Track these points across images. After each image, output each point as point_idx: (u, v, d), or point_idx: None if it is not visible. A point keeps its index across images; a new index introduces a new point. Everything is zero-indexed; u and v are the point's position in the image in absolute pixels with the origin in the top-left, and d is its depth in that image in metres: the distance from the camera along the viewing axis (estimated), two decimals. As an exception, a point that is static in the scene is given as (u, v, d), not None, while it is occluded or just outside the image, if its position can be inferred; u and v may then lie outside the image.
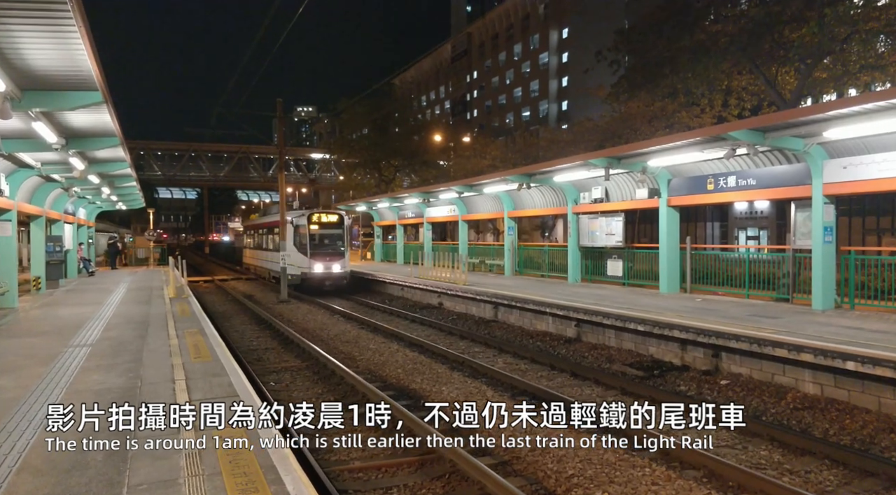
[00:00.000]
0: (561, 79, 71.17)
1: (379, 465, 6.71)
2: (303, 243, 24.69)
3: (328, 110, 58.63)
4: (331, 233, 25.32)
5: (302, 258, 24.62)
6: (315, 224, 25.03)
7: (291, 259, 24.04)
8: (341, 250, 25.20)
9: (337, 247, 25.20)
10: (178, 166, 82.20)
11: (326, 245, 24.98)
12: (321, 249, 24.82)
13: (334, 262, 24.70)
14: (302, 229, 24.85)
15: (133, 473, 4.64)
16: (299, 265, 24.52)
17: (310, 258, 24.39)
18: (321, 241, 24.96)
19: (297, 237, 24.88)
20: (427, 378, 10.73)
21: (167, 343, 10.19)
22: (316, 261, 24.41)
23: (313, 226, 24.89)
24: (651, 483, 6.11)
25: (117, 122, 12.70)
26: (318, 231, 25.10)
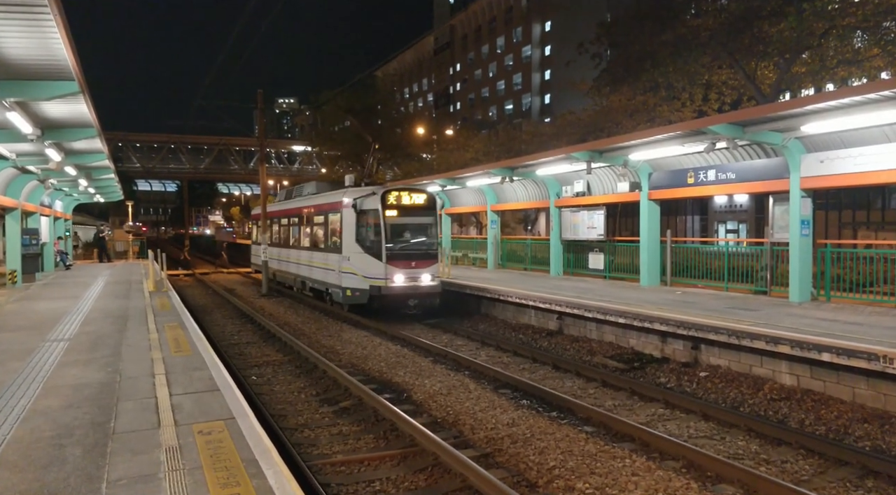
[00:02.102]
0: (544, 72, 71.26)
1: (362, 459, 6.71)
2: (372, 239, 15.81)
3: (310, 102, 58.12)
4: (417, 223, 16.37)
5: (371, 263, 15.62)
6: (393, 208, 15.88)
7: (353, 264, 15.95)
8: (433, 250, 16.42)
9: (426, 244, 16.37)
10: (157, 158, 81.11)
11: (411, 242, 16.13)
12: (404, 248, 15.86)
13: (423, 270, 15.81)
14: (370, 217, 15.96)
15: (112, 468, 4.59)
16: (368, 273, 15.65)
17: (386, 263, 15.45)
18: (403, 236, 16.04)
19: (363, 229, 16.06)
20: (410, 371, 10.74)
21: (147, 337, 10.08)
22: (396, 267, 15.46)
23: (390, 212, 15.79)
24: (631, 474, 6.18)
25: (94, 112, 12.50)
26: (399, 219, 16.00)
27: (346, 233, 16.29)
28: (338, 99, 43.04)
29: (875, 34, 21.47)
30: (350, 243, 16.10)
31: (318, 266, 18.73)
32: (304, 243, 20.54)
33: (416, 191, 16.42)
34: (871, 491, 5.90)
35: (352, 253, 16.02)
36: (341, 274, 16.43)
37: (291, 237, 22.27)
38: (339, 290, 16.56)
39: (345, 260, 16.23)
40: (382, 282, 15.30)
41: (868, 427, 7.55)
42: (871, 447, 7.00)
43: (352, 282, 15.99)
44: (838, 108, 10.54)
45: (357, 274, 15.82)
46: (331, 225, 17.63)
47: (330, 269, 17.40)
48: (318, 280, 18.82)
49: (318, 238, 18.94)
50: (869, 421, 7.71)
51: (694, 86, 27.70)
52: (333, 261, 17.08)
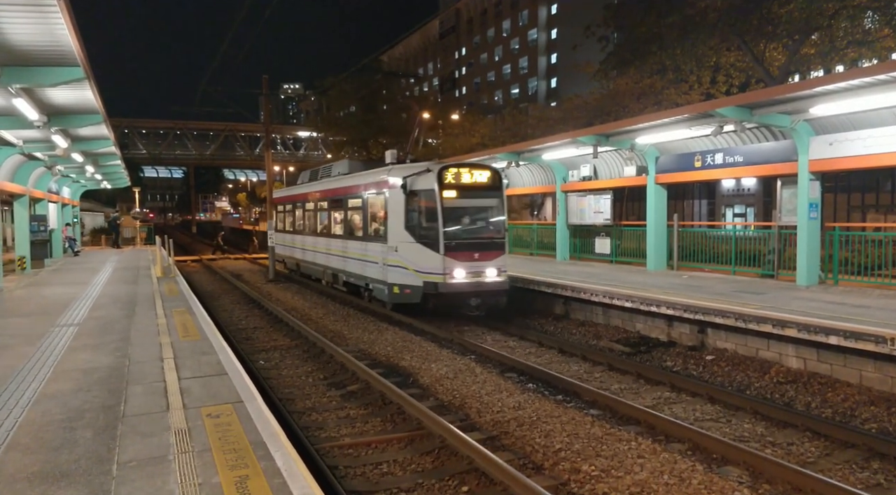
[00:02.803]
0: (550, 55, 70.71)
1: (369, 441, 6.77)
2: (427, 225, 13.10)
3: (315, 87, 57.91)
4: (481, 206, 13.75)
5: (425, 254, 12.98)
6: (452, 188, 13.10)
7: (403, 255, 13.36)
8: (500, 238, 13.59)
9: (492, 231, 13.64)
10: (163, 144, 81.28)
11: (474, 229, 13.51)
12: (466, 237, 13.19)
13: (488, 262, 13.09)
14: (424, 198, 13.18)
15: (122, 450, 4.65)
16: (421, 267, 13.04)
17: (445, 254, 12.76)
18: (464, 221, 13.41)
19: (414, 213, 13.32)
20: (416, 355, 10.79)
21: (155, 322, 10.16)
22: (457, 260, 12.81)
23: (449, 192, 13.02)
24: (637, 456, 6.21)
25: (100, 98, 12.50)
26: (459, 201, 13.26)
27: (393, 218, 13.60)
28: (343, 84, 42.85)
29: (886, 14, 21.16)
30: (398, 231, 13.44)
31: (354, 257, 16.04)
32: (335, 231, 17.87)
33: (479, 166, 13.46)
34: (877, 472, 5.92)
35: (400, 242, 13.41)
36: (386, 267, 13.82)
37: (319, 224, 19.47)
38: (384, 287, 14.02)
39: (391, 251, 13.62)
40: (440, 277, 12.67)
41: (875, 409, 7.55)
42: (877, 429, 7.01)
43: (400, 278, 13.42)
44: (848, 89, 10.42)
45: (407, 268, 13.22)
46: (371, 209, 15.00)
47: (370, 262, 14.80)
48: (354, 273, 16.09)
49: (355, 225, 16.17)
50: (876, 403, 7.71)
51: (701, 68, 27.41)
52: (375, 252, 14.47)
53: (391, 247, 13.66)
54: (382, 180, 14.20)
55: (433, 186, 12.90)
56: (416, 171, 13.26)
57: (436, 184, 12.87)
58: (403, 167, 14.07)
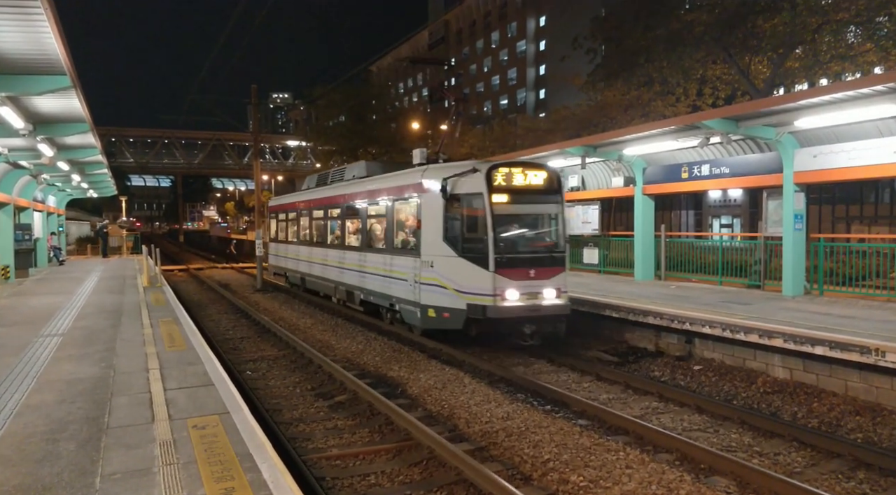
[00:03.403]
0: (538, 67, 71.23)
1: (357, 453, 6.72)
2: (472, 236, 11.03)
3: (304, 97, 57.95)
4: (538, 213, 11.75)
5: (470, 271, 10.86)
6: (504, 191, 10.95)
7: (441, 272, 11.24)
8: (559, 253, 11.42)
9: (551, 244, 11.51)
10: (150, 153, 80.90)
11: (529, 240, 11.56)
12: (520, 250, 11.16)
13: (546, 281, 10.97)
14: (470, 204, 11.09)
15: (106, 462, 4.58)
16: (465, 286, 10.88)
17: (495, 271, 10.62)
18: (518, 232, 11.42)
19: (455, 222, 11.25)
20: (405, 365, 10.75)
21: (141, 332, 10.06)
22: (509, 278, 10.67)
23: (499, 197, 10.90)
24: (625, 466, 6.21)
25: (87, 107, 12.43)
26: (513, 207, 11.16)
27: (429, 227, 11.48)
28: (332, 94, 42.93)
29: (868, 29, 21.54)
30: (434, 242, 11.33)
31: (375, 273, 13.85)
32: (350, 242, 15.73)
33: (534, 166, 11.33)
34: (862, 482, 5.95)
35: (437, 256, 11.26)
36: (419, 286, 11.73)
37: (330, 233, 17.23)
38: (415, 309, 11.88)
39: (425, 266, 11.53)
40: (488, 299, 10.46)
41: (860, 419, 7.61)
42: (862, 439, 7.05)
43: (437, 299, 11.28)
44: (831, 102, 10.57)
45: (446, 287, 11.07)
46: (398, 216, 13.07)
47: (397, 278, 12.69)
48: (375, 291, 13.88)
49: (376, 235, 14.22)
50: (861, 413, 7.77)
51: (688, 81, 27.74)
52: (404, 267, 12.35)
53: (425, 261, 11.56)
54: (415, 183, 12.09)
55: (481, 189, 10.74)
56: (458, 172, 11.04)
57: (484, 186, 10.71)
58: (442, 167, 11.92)
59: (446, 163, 12.52)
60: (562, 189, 11.70)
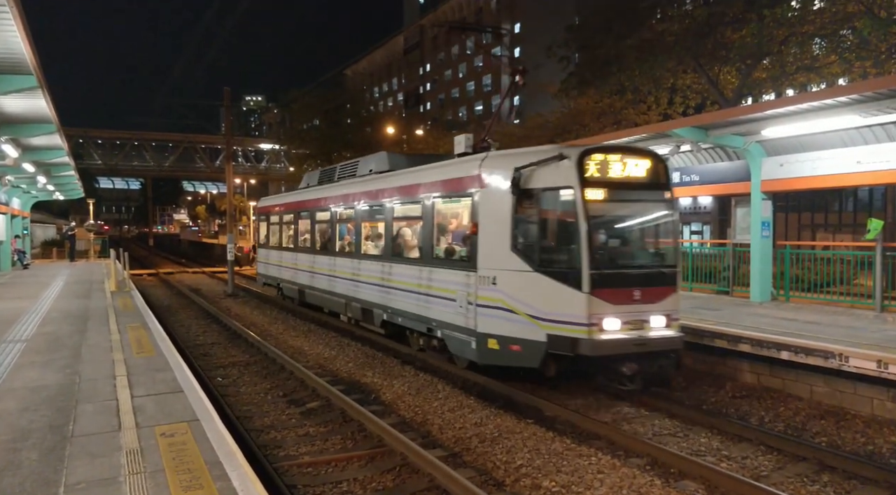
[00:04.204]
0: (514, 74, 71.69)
1: (329, 460, 6.67)
2: (554, 244, 8.71)
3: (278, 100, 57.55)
4: (645, 214, 9.10)
5: (553, 290, 8.24)
6: (601, 184, 8.39)
7: (507, 291, 8.72)
8: (671, 267, 8.88)
9: (660, 255, 9.10)
10: (119, 155, 79.38)
11: (633, 250, 9.23)
12: (622, 263, 8.81)
13: (654, 305, 8.43)
14: (550, 201, 8.63)
15: (70, 472, 4.48)
16: (544, 311, 8.30)
17: (591, 292, 7.94)
18: (617, 238, 8.98)
19: (530, 226, 8.68)
20: (378, 372, 10.70)
21: (108, 338, 9.86)
22: (610, 299, 8.08)
23: (595, 192, 8.29)
24: (597, 471, 6.26)
25: (54, 107, 12.19)
26: (614, 205, 8.81)
27: (490, 232, 8.93)
28: (307, 97, 42.73)
29: (832, 41, 22.13)
30: (498, 252, 8.76)
31: (405, 288, 11.26)
32: (367, 249, 13.09)
33: (638, 152, 8.93)
34: (826, 485, 6.08)
35: (502, 270, 8.70)
36: (474, 308, 9.11)
37: (338, 239, 14.77)
38: (468, 338, 9.28)
39: (483, 283, 8.95)
40: (581, 329, 7.88)
41: (824, 423, 7.78)
42: (827, 443, 7.21)
43: (502, 326, 8.67)
44: (797, 113, 10.83)
45: (515, 310, 8.50)
46: (442, 218, 10.72)
47: (439, 297, 10.11)
48: (405, 312, 11.29)
49: (406, 241, 11.84)
50: (825, 417, 7.95)
51: (659, 89, 28.19)
52: (450, 282, 9.79)
53: (484, 277, 8.95)
54: (469, 176, 9.50)
55: (571, 182, 8.10)
56: (537, 160, 8.38)
57: (576, 178, 8.08)
58: (510, 154, 9.30)
59: (513, 150, 9.69)
60: (670, 183, 9.10)
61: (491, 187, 9.08)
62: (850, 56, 21.64)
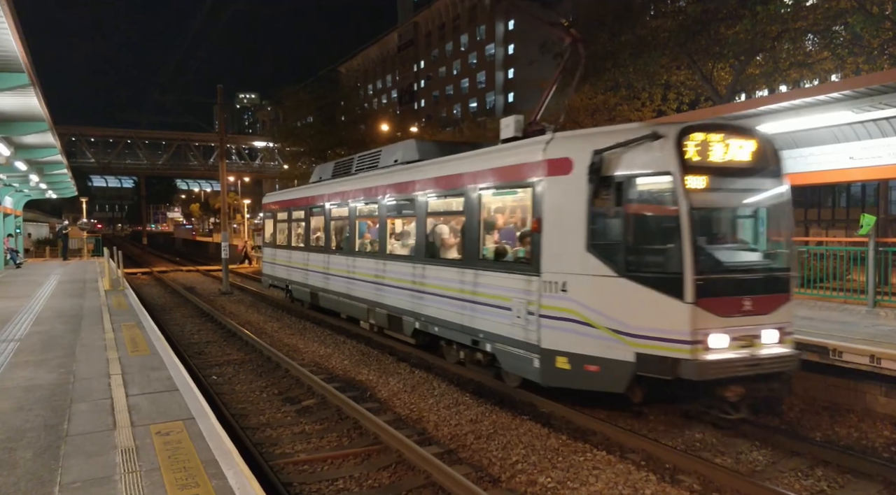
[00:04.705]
0: (507, 71, 71.67)
1: (325, 457, 6.67)
2: (646, 243, 7.20)
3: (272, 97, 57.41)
4: (753, 206, 7.80)
5: (645, 299, 6.79)
6: (706, 170, 6.93)
7: (580, 298, 7.29)
8: (785, 270, 7.41)
9: (772, 256, 7.60)
10: (112, 153, 79.10)
11: (741, 250, 7.63)
12: (728, 265, 7.13)
13: (766, 316, 6.97)
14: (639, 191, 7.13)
15: (65, 471, 4.47)
16: (631, 324, 6.87)
17: (695, 302, 6.49)
18: (721, 235, 7.69)
19: (613, 220, 7.12)
20: (374, 369, 10.70)
21: (102, 337, 9.83)
22: (717, 311, 6.62)
23: (698, 179, 6.86)
24: (592, 467, 6.28)
25: (46, 106, 12.13)
26: (719, 196, 7.42)
27: (558, 229, 7.59)
28: (300, 94, 42.61)
29: (825, 37, 22.18)
30: (569, 252, 7.41)
31: (443, 293, 9.94)
32: (394, 248, 12.00)
33: (742, 131, 7.44)
34: (820, 479, 6.11)
35: (574, 274, 7.36)
36: (537, 319, 7.77)
37: (358, 237, 13.59)
38: (529, 355, 7.95)
39: (549, 289, 7.62)
40: (683, 347, 6.54)
41: (819, 419, 7.82)
42: (821, 437, 7.25)
43: (574, 342, 7.33)
44: (790, 109, 10.86)
45: (593, 323, 7.15)
46: (491, 213, 9.60)
47: (488, 305, 8.79)
48: (444, 320, 9.94)
49: (443, 240, 10.54)
50: (819, 413, 7.99)
51: (653, 86, 28.20)
52: (504, 288, 8.45)
53: (550, 282, 7.59)
54: (530, 162, 8.10)
55: (669, 166, 6.74)
56: (624, 140, 7.00)
57: (676, 161, 6.71)
58: (582, 135, 7.94)
59: (584, 130, 8.37)
60: (782, 167, 7.70)
61: (560, 175, 7.64)
62: (843, 52, 21.71)
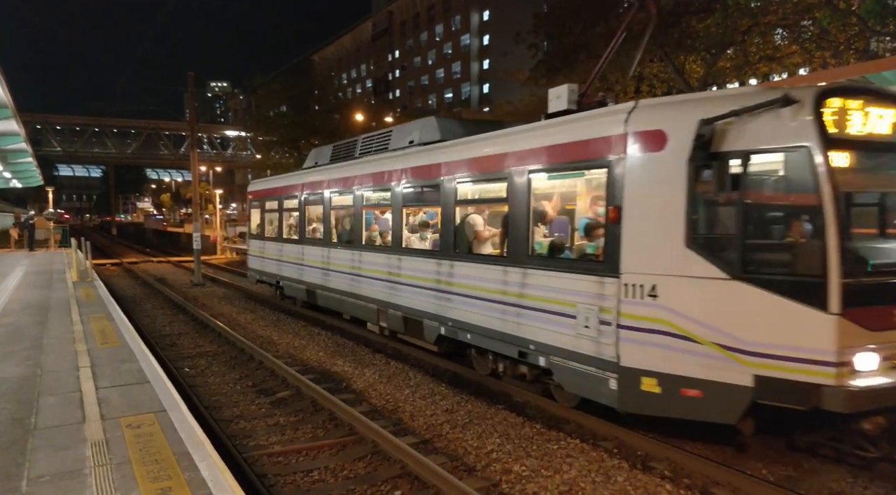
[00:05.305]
0: (482, 61, 71.63)
1: (300, 448, 6.65)
2: (772, 238, 5.82)
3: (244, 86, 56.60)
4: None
5: (772, 308, 5.33)
6: (852, 144, 5.48)
7: (676, 305, 5.84)
8: None
9: None
10: (79, 142, 77.38)
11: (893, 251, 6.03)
12: (881, 265, 5.59)
13: None
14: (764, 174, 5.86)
15: (33, 465, 4.39)
16: (752, 342, 5.42)
17: (843, 313, 5.07)
18: (870, 231, 6.13)
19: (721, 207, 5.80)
20: (349, 360, 10.67)
21: (70, 329, 9.65)
22: (866, 323, 5.21)
23: (845, 156, 5.41)
24: (566, 455, 6.36)
25: (9, 92, 11.80)
26: (868, 178, 6.01)
27: (646, 219, 6.21)
28: (273, 83, 42.10)
29: (794, 32, 22.61)
30: (661, 248, 6.09)
31: (480, 295, 8.40)
32: (411, 241, 10.72)
33: (883, 96, 5.84)
34: (787, 465, 6.26)
35: (667, 275, 6.01)
36: (614, 331, 6.38)
37: (364, 229, 11.99)
38: (604, 374, 6.52)
39: (631, 294, 6.24)
40: (827, 371, 5.19)
41: (785, 404, 7.99)
42: (787, 423, 7.41)
43: (671, 361, 5.96)
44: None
45: (697, 338, 5.77)
46: (542, 200, 8.29)
47: (546, 312, 7.27)
48: (485, 329, 8.33)
49: (479, 233, 9.02)
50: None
51: (626, 78, 28.44)
52: (565, 291, 7.03)
53: (634, 284, 6.17)
54: (605, 137, 6.58)
55: (807, 139, 5.37)
56: (740, 107, 5.58)
57: (815, 132, 5.35)
58: (680, 102, 6.48)
59: (681, 96, 7.05)
60: None
61: (649, 151, 6.16)
62: (811, 46, 22.14)
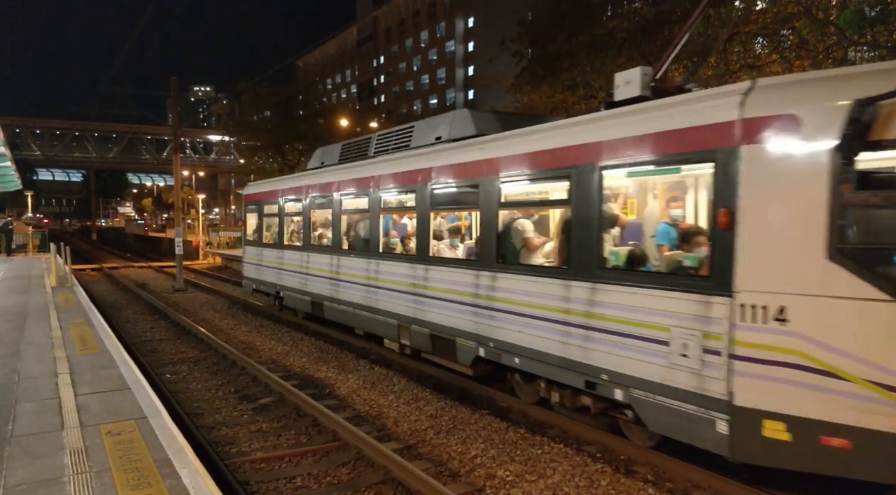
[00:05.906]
0: (467, 68, 71.90)
1: (282, 455, 6.60)
2: None
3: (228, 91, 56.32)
4: None
5: None
6: None
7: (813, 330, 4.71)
8: None
9: None
10: (59, 146, 76.46)
11: None
12: None
13: None
14: None
15: (10, 473, 4.31)
16: None
17: None
18: None
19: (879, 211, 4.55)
20: (333, 366, 10.61)
21: (49, 335, 9.51)
22: None
23: None
24: (550, 460, 6.37)
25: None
26: None
27: (772, 226, 4.99)
28: (257, 88, 41.94)
29: (774, 41, 22.95)
30: (792, 261, 4.88)
31: (531, 314, 7.24)
32: (439, 250, 9.61)
33: None
34: (762, 469, 6.31)
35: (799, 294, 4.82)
36: (725, 362, 5.15)
37: (382, 235, 10.81)
38: (710, 414, 5.29)
39: (748, 317, 5.05)
40: None
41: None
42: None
43: (805, 402, 4.80)
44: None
45: (843, 375, 4.65)
46: (613, 202, 7.21)
47: (625, 335, 6.05)
48: (540, 352, 7.09)
49: (529, 240, 7.95)
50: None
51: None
52: (653, 311, 5.82)
53: (753, 305, 5.07)
54: (712, 124, 5.43)
55: None
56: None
57: None
58: (816, 79, 5.25)
59: (813, 73, 5.86)
60: None
61: (773, 141, 5.03)
62: (791, 55, 22.47)
